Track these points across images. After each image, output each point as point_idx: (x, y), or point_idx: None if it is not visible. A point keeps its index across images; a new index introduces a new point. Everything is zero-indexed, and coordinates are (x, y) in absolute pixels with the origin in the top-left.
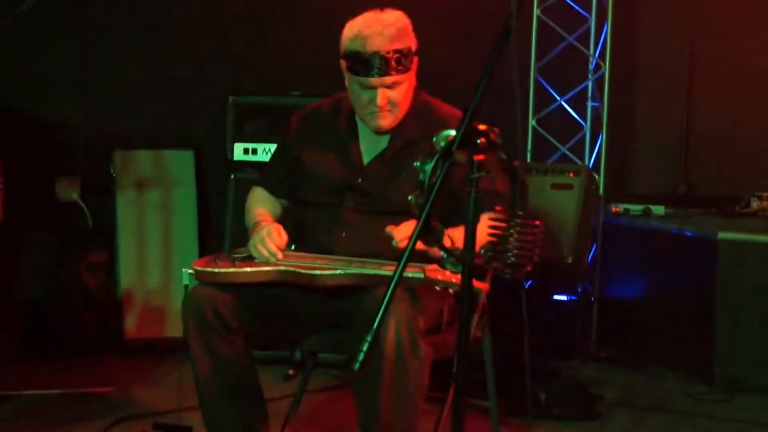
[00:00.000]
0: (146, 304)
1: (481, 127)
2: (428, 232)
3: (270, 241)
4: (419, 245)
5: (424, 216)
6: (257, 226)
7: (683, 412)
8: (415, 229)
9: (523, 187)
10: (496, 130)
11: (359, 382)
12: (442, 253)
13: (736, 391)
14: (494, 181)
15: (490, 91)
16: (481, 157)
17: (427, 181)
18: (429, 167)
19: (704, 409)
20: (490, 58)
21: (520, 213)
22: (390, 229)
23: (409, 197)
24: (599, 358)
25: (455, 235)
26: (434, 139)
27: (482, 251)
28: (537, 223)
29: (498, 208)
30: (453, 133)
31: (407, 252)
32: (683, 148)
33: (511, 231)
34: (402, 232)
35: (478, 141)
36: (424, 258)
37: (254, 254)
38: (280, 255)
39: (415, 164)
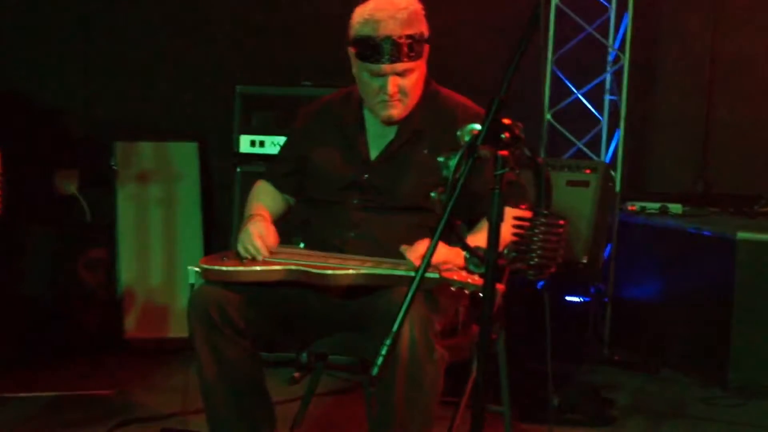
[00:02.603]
0: (148, 303)
1: (506, 121)
2: (450, 231)
3: (256, 237)
4: None
5: (447, 213)
6: (249, 220)
7: (698, 417)
8: (437, 227)
9: (547, 185)
10: (520, 124)
11: (371, 385)
12: (464, 252)
13: (751, 396)
14: (515, 176)
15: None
16: (505, 152)
17: (451, 177)
18: (453, 163)
19: (719, 414)
20: (516, 50)
21: (545, 212)
22: (404, 248)
23: (432, 194)
24: (612, 362)
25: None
26: (458, 134)
27: (505, 251)
28: (562, 222)
29: (523, 206)
30: (477, 127)
31: (429, 254)
32: (702, 145)
33: (536, 231)
34: (416, 252)
35: (503, 136)
36: None
37: (239, 249)
38: (265, 253)
39: (438, 159)
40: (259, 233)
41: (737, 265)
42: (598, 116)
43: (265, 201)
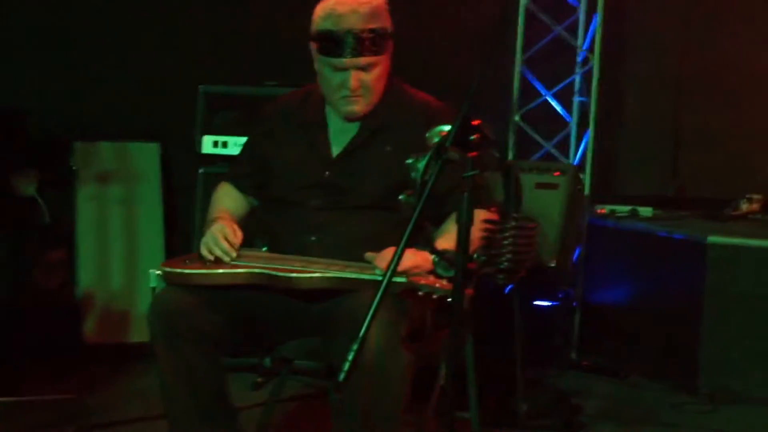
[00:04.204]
0: (108, 307)
1: (475, 122)
2: (419, 233)
3: (222, 239)
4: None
5: (416, 215)
6: (212, 223)
7: (667, 423)
8: (406, 229)
9: (517, 188)
10: (489, 125)
11: (337, 391)
12: (432, 256)
13: (721, 402)
14: (483, 178)
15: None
16: (474, 154)
17: (419, 179)
18: (422, 165)
19: (688, 420)
20: (487, 51)
21: (515, 215)
22: (370, 255)
23: (401, 196)
24: (580, 367)
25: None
26: (427, 135)
27: (475, 255)
28: (532, 226)
29: (492, 208)
30: (446, 128)
31: (397, 256)
32: (673, 147)
33: (506, 234)
34: (385, 259)
35: (472, 137)
36: None
37: (203, 252)
38: (233, 254)
39: (407, 162)
40: (224, 235)
41: (708, 269)
42: (567, 118)
43: (227, 204)
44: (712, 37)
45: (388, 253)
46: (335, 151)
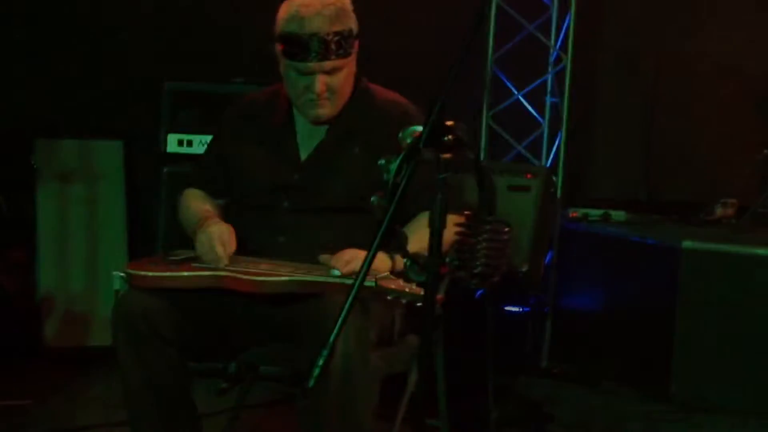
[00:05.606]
0: (69, 309)
1: (448, 122)
2: (391, 237)
3: (220, 245)
4: None
5: (388, 218)
6: (206, 221)
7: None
8: (377, 233)
9: (491, 190)
10: (463, 126)
11: (303, 397)
12: (404, 260)
13: (694, 410)
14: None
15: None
16: (448, 155)
17: (391, 181)
18: (394, 166)
19: (661, 428)
20: (461, 49)
21: (489, 218)
22: (325, 258)
23: (372, 198)
24: (552, 374)
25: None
26: (399, 136)
27: (448, 259)
28: (506, 229)
29: (465, 211)
30: (419, 129)
31: (367, 262)
32: (646, 150)
33: (480, 238)
34: (340, 261)
35: (446, 138)
36: None
37: (200, 251)
38: (226, 261)
39: (379, 163)
40: (221, 240)
41: (682, 274)
42: (539, 119)
43: (207, 206)
44: (687, 36)
45: (343, 254)
46: (303, 154)
